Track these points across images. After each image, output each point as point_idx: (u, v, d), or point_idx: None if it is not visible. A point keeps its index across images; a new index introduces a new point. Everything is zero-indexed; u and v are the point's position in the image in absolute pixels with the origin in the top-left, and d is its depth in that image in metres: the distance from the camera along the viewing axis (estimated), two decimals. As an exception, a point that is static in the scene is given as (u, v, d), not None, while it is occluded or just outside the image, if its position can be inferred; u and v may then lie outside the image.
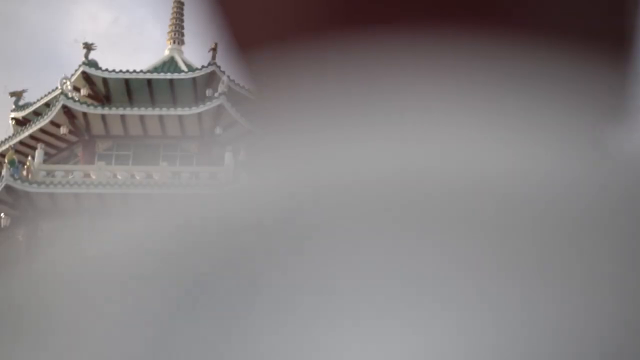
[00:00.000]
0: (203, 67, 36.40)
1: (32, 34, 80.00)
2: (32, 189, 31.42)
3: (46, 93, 37.73)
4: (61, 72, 80.00)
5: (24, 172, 31.98)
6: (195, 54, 50.84)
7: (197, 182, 32.06)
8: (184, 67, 38.18)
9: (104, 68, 36.23)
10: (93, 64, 36.16)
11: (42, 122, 35.10)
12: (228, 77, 35.55)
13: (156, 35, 78.09)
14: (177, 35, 41.25)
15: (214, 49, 36.66)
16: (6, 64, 78.08)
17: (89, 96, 36.55)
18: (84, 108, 34.58)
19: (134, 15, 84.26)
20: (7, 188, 31.32)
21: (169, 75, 36.48)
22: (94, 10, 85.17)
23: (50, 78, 76.12)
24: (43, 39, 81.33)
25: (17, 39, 79.69)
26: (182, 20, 41.70)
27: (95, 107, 34.90)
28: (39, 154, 33.22)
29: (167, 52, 40.59)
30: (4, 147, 36.17)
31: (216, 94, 34.50)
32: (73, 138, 35.73)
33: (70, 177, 32.42)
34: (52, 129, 35.28)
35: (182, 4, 41.81)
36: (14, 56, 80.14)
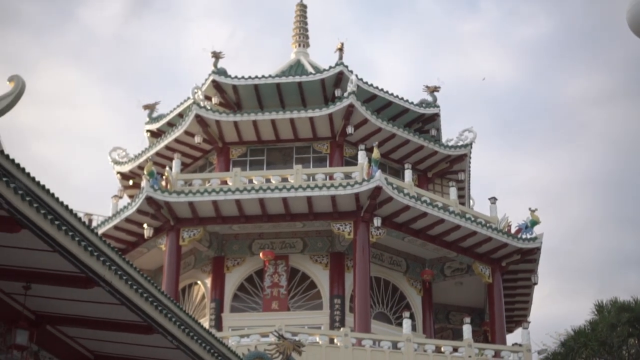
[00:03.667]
0: (330, 67, 36.43)
1: (154, 54, 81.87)
2: (172, 198, 31.93)
3: (178, 104, 38.37)
4: (184, 87, 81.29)
5: (163, 183, 32.51)
6: (319, 55, 50.94)
7: (331, 182, 32.11)
8: (310, 69, 38.32)
9: (232, 75, 36.60)
10: (222, 72, 36.57)
11: (177, 133, 35.67)
12: (356, 75, 35.52)
13: (273, 43, 78.36)
14: (302, 38, 41.47)
15: (341, 49, 36.72)
16: (133, 83, 79.63)
17: (220, 104, 37.00)
18: (216, 116, 34.98)
19: (249, 27, 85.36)
20: (148, 199, 31.91)
21: (297, 78, 36.62)
22: (210, 27, 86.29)
23: (174, 93, 77.68)
24: (164, 57, 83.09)
25: (141, 60, 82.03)
26: (305, 24, 41.92)
27: (227, 114, 35.28)
28: (175, 163, 33.73)
29: (292, 56, 40.83)
30: (141, 159, 36.91)
31: (345, 94, 34.47)
32: (207, 146, 36.21)
33: (207, 185, 32.84)
34: (187, 139, 35.82)
35: (305, 7, 42.05)
36: (139, 76, 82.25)
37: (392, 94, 37.40)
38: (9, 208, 12.22)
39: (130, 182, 38.06)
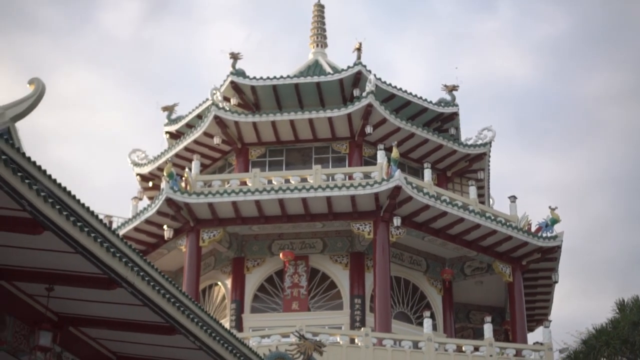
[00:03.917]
0: (349, 67, 36.40)
1: (171, 56, 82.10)
2: (192, 199, 31.98)
3: (197, 105, 38.42)
4: (202, 88, 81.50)
5: (183, 184, 32.56)
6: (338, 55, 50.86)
7: (351, 182, 32.10)
8: (329, 70, 38.29)
9: (251, 76, 36.62)
10: (241, 73, 36.59)
11: (196, 134, 35.73)
12: (374, 75, 35.48)
13: (290, 45, 78.42)
14: (320, 38, 41.45)
15: (359, 49, 36.69)
16: (150, 85, 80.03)
17: (239, 105, 37.03)
18: (235, 117, 35.01)
19: (265, 30, 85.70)
20: (168, 200, 31.97)
21: (315, 79, 36.60)
22: (227, 29, 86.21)
23: (192, 95, 77.71)
24: (181, 59, 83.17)
25: (158, 62, 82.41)
26: (323, 24, 41.89)
27: (246, 115, 35.30)
28: (195, 165, 33.75)
29: (310, 56, 40.82)
30: (161, 161, 36.99)
31: (364, 94, 34.43)
32: (226, 147, 36.25)
33: (227, 185, 32.86)
34: (206, 140, 35.87)
35: (323, 7, 42.03)
36: (157, 78, 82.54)
37: (410, 93, 37.35)
38: (31, 210, 12.27)
39: (150, 184, 38.11)
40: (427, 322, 30.66)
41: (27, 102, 19.47)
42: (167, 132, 39.34)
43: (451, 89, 38.71)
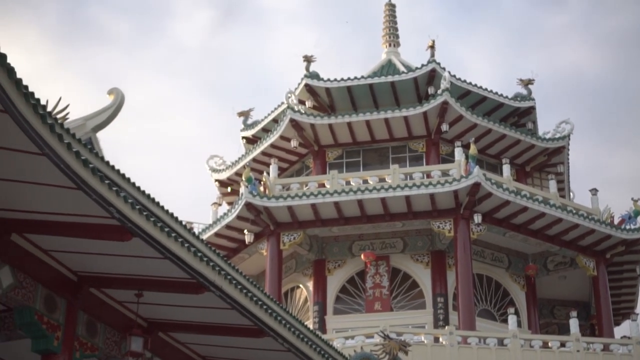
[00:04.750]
0: (423, 65, 36.24)
1: (241, 62, 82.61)
2: (271, 203, 32.12)
3: (272, 109, 38.63)
4: (274, 93, 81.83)
5: (261, 188, 32.72)
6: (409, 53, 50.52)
7: (429, 181, 31.95)
8: (402, 69, 38.19)
9: (325, 78, 36.70)
10: (315, 76, 36.69)
11: (272, 138, 35.88)
12: (449, 72, 35.28)
13: (359, 46, 78.45)
14: (392, 37, 41.37)
15: (432, 47, 36.52)
16: (222, 93, 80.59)
17: (314, 107, 37.11)
18: (311, 119, 35.09)
19: (334, 34, 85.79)
20: (248, 205, 32.15)
21: (390, 78, 36.51)
22: (296, 33, 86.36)
23: (263, 100, 78.08)
24: (252, 66, 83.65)
25: (229, 69, 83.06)
26: (395, 23, 41.79)
27: (322, 117, 35.34)
28: (273, 168, 33.91)
29: (383, 56, 40.75)
30: (238, 166, 37.24)
31: (439, 91, 34.24)
32: (303, 150, 36.35)
33: (305, 188, 32.94)
34: (282, 144, 36.01)
35: (394, 6, 41.93)
36: (228, 85, 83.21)
37: (486, 89, 37.06)
38: (119, 217, 12.42)
39: (229, 189, 38.40)
40: (512, 319, 30.36)
41: (107, 112, 19.78)
42: (243, 137, 39.59)
43: (527, 82, 38.27)
